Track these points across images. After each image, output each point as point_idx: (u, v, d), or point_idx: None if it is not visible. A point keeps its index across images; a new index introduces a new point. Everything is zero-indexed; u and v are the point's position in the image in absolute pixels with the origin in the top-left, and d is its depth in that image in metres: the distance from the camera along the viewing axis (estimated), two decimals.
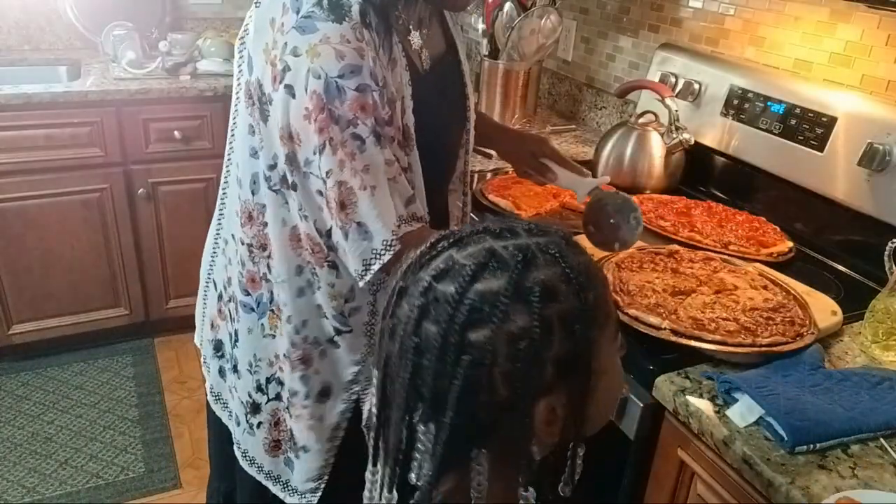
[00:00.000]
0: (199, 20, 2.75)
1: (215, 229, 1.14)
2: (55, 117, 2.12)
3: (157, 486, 1.97)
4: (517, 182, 1.61)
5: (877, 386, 0.95)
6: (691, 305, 1.09)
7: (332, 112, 0.84)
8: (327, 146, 0.86)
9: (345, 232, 0.90)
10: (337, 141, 0.85)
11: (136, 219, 2.36)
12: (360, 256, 0.90)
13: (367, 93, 0.85)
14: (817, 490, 0.79)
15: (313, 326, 1.03)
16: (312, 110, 0.85)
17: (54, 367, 2.43)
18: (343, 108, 0.85)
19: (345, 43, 0.84)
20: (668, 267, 1.22)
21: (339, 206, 0.88)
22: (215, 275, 1.15)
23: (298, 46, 0.85)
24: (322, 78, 0.84)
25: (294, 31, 0.85)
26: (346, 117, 0.85)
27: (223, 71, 2.34)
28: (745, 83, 1.59)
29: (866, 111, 1.35)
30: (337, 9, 0.85)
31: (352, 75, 0.84)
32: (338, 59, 0.84)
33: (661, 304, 1.09)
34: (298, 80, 0.85)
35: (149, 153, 2.29)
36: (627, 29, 2.06)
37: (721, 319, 1.05)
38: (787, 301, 1.13)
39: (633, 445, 1.04)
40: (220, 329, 1.14)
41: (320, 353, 1.04)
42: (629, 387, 1.03)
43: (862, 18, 1.39)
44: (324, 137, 0.85)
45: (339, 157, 0.86)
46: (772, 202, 1.55)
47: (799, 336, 1.03)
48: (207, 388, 1.22)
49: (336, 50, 0.84)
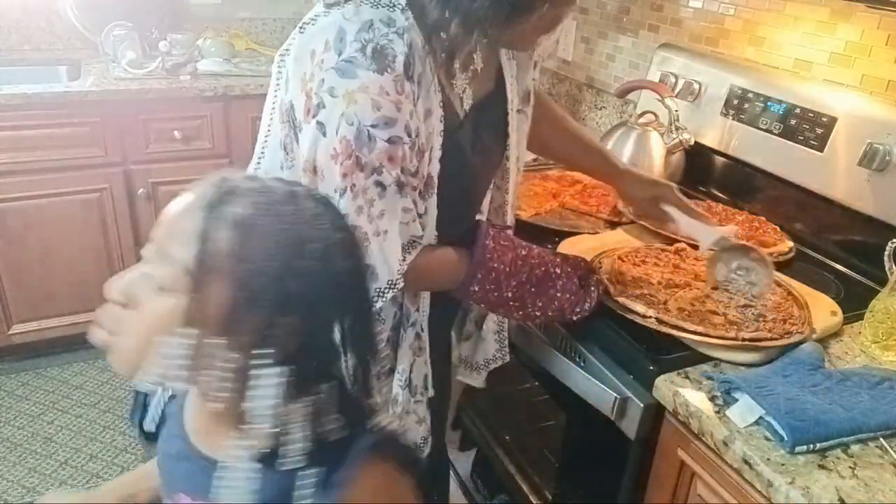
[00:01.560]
0: (199, 20, 2.75)
1: None
2: (55, 117, 2.12)
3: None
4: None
5: (877, 386, 0.95)
6: (682, 298, 1.10)
7: (359, 159, 0.84)
8: (349, 191, 0.86)
9: None
10: (359, 188, 0.86)
11: (136, 219, 2.36)
12: None
13: (398, 145, 0.85)
14: (817, 490, 0.79)
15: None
16: (340, 153, 0.84)
17: (54, 367, 2.43)
18: (371, 156, 0.84)
19: (384, 95, 0.83)
20: (671, 263, 1.23)
21: None
22: None
23: (336, 88, 0.83)
24: (355, 125, 0.83)
25: (333, 71, 0.83)
26: (371, 165, 0.85)
27: (223, 71, 2.34)
28: (745, 83, 1.59)
29: (866, 111, 1.35)
30: (381, 58, 0.83)
31: (386, 127, 0.84)
32: (374, 110, 0.83)
33: (652, 295, 1.10)
34: (331, 120, 0.84)
35: (149, 153, 2.29)
36: (627, 29, 2.06)
37: (709, 312, 1.07)
38: (785, 301, 1.13)
39: (633, 445, 1.04)
40: None
41: None
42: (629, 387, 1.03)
43: (862, 18, 1.39)
44: (346, 183, 0.85)
45: (358, 203, 0.86)
46: (772, 202, 1.55)
47: (787, 334, 1.03)
48: None
49: (374, 101, 0.82)
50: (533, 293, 1.01)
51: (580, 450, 1.25)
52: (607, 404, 1.04)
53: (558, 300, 1.01)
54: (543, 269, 1.01)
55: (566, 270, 1.02)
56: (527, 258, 1.01)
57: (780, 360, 1.00)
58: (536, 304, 1.01)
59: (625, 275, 1.16)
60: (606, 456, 1.13)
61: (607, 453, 1.12)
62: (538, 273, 1.01)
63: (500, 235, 1.02)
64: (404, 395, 1.07)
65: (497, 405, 1.59)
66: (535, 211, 1.49)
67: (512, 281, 0.99)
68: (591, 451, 1.20)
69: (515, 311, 1.02)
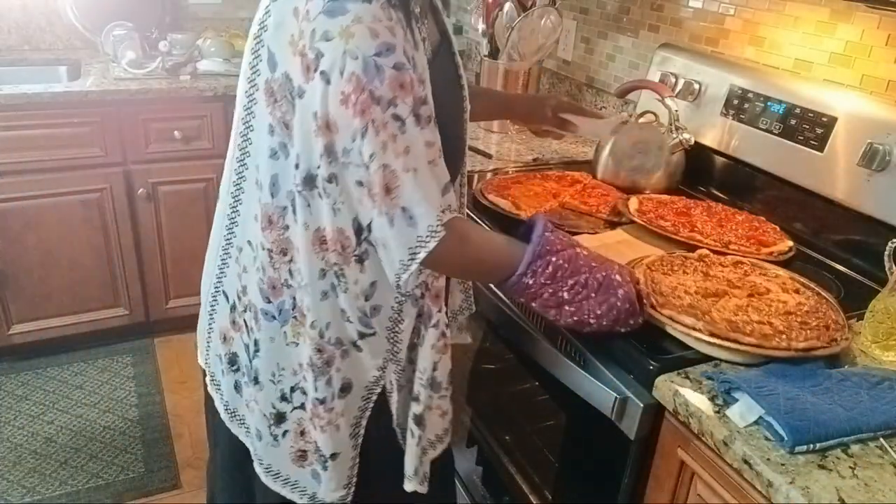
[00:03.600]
0: (199, 20, 2.75)
1: (224, 238, 1.08)
2: (55, 117, 2.12)
3: (156, 486, 1.97)
4: (516, 182, 1.61)
5: (876, 386, 0.95)
6: (725, 308, 1.07)
7: (372, 93, 0.82)
8: (370, 128, 0.83)
9: (390, 218, 0.87)
10: (379, 122, 0.83)
11: (136, 219, 2.36)
12: (405, 245, 0.88)
13: (404, 71, 0.83)
14: (817, 490, 0.79)
15: (336, 328, 1.00)
16: (351, 93, 0.82)
17: (54, 367, 2.43)
18: (383, 87, 0.82)
19: (377, 22, 0.82)
20: (699, 270, 1.20)
21: (385, 190, 0.85)
22: (225, 286, 1.10)
23: (330, 30, 0.82)
24: (359, 58, 0.81)
25: (322, 15, 0.82)
26: (386, 97, 0.83)
27: (223, 71, 2.35)
28: (745, 83, 1.59)
29: (866, 111, 1.35)
30: None
31: (388, 53, 0.82)
32: (373, 38, 0.81)
33: (694, 306, 1.07)
34: (334, 64, 0.82)
35: (149, 153, 2.29)
36: (627, 29, 2.06)
37: (756, 322, 1.04)
38: (820, 305, 1.12)
39: (633, 445, 1.04)
40: (235, 341, 1.09)
41: (342, 353, 1.02)
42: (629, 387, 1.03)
43: (862, 18, 1.39)
44: (366, 120, 0.83)
45: (381, 139, 0.83)
46: (772, 202, 1.55)
47: (833, 341, 1.02)
48: (220, 406, 1.16)
49: (370, 28, 0.81)
50: (592, 298, 0.95)
51: (580, 450, 1.25)
52: (607, 404, 1.04)
53: (617, 310, 0.96)
54: (605, 273, 0.96)
55: (626, 279, 0.97)
56: (588, 259, 0.96)
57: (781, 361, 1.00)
58: (595, 310, 0.95)
59: (659, 284, 1.12)
60: (606, 456, 1.13)
61: (607, 453, 1.12)
62: (599, 277, 0.95)
63: (559, 230, 0.98)
64: (425, 394, 1.05)
65: (497, 405, 1.59)
66: (534, 211, 1.48)
67: (570, 280, 0.95)
68: (591, 451, 1.20)
69: (570, 315, 0.97)
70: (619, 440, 1.05)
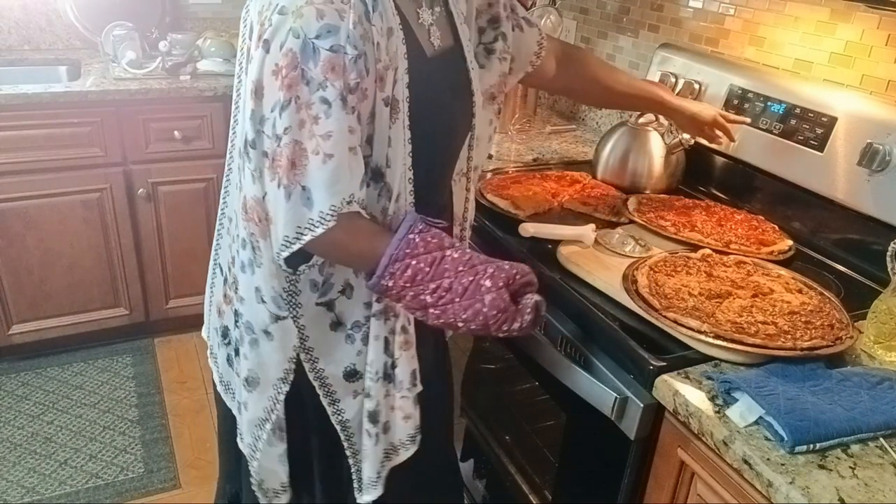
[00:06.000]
0: (199, 20, 2.75)
1: (221, 209, 1.13)
2: (55, 117, 2.12)
3: (156, 486, 1.97)
4: (516, 182, 1.61)
5: (877, 386, 0.95)
6: (729, 309, 1.07)
7: (304, 72, 0.85)
8: (292, 104, 0.85)
9: (288, 193, 0.88)
10: (304, 101, 0.85)
11: (136, 219, 2.36)
12: (294, 223, 0.88)
13: (339, 54, 0.85)
14: (817, 490, 0.79)
15: (249, 312, 1.03)
16: (283, 67, 0.85)
17: (54, 367, 2.43)
18: (316, 69, 0.85)
19: (328, 4, 0.85)
20: (702, 270, 1.20)
21: (290, 164, 0.87)
22: (221, 258, 1.13)
23: (285, 6, 0.85)
24: (300, 38, 0.84)
25: None
26: (317, 79, 0.85)
27: (223, 71, 2.35)
28: (745, 83, 1.59)
29: (866, 111, 1.35)
30: None
31: (328, 35, 0.85)
32: (318, 19, 0.84)
33: (698, 308, 1.07)
34: (277, 36, 0.85)
35: (149, 153, 2.29)
36: (627, 29, 2.06)
37: (760, 323, 1.04)
38: (824, 304, 1.12)
39: (633, 445, 1.04)
40: (226, 314, 1.12)
41: (251, 342, 1.04)
42: (629, 387, 1.03)
43: (862, 18, 1.39)
44: (291, 94, 0.85)
45: (301, 117, 0.86)
46: (771, 202, 1.55)
47: (838, 340, 1.02)
48: (216, 379, 1.20)
49: (318, 10, 0.84)
50: (457, 303, 0.90)
51: (580, 450, 1.25)
52: (607, 404, 1.04)
53: (484, 315, 0.90)
54: (471, 278, 0.90)
55: (497, 284, 0.90)
56: (455, 262, 0.91)
57: (781, 361, 1.00)
58: (460, 315, 0.90)
59: (662, 286, 1.12)
60: (606, 456, 1.13)
61: (607, 453, 1.12)
62: (464, 282, 0.90)
63: (430, 232, 0.94)
64: (379, 390, 1.05)
65: (497, 405, 1.59)
66: (533, 211, 1.48)
67: (431, 284, 0.91)
68: (591, 451, 1.20)
69: (436, 318, 0.92)
70: (619, 440, 1.05)
